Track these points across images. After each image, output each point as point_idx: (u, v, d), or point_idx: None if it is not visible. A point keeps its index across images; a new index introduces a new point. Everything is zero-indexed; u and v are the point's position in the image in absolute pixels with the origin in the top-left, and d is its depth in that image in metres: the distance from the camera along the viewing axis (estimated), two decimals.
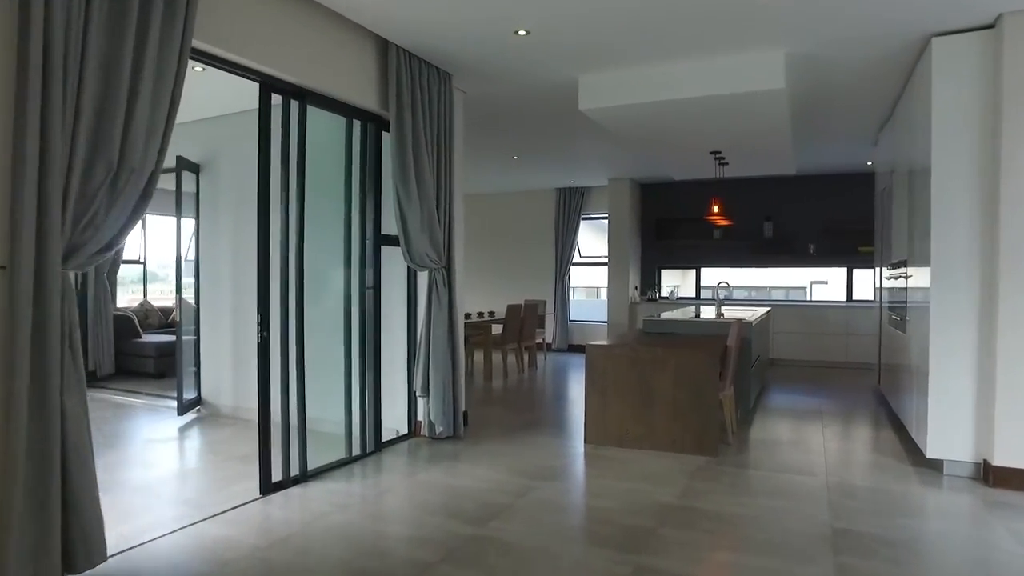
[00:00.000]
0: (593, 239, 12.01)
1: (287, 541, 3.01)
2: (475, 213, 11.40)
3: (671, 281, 11.02)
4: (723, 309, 7.00)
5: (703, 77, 4.55)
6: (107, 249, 2.51)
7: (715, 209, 6.66)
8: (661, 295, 10.37)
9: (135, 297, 9.27)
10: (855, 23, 3.89)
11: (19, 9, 2.14)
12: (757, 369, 6.07)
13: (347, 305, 4.32)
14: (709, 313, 6.61)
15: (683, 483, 3.81)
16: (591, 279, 13.16)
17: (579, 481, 3.95)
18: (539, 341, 9.58)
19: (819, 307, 8.85)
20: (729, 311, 7.07)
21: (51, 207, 2.22)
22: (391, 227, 4.39)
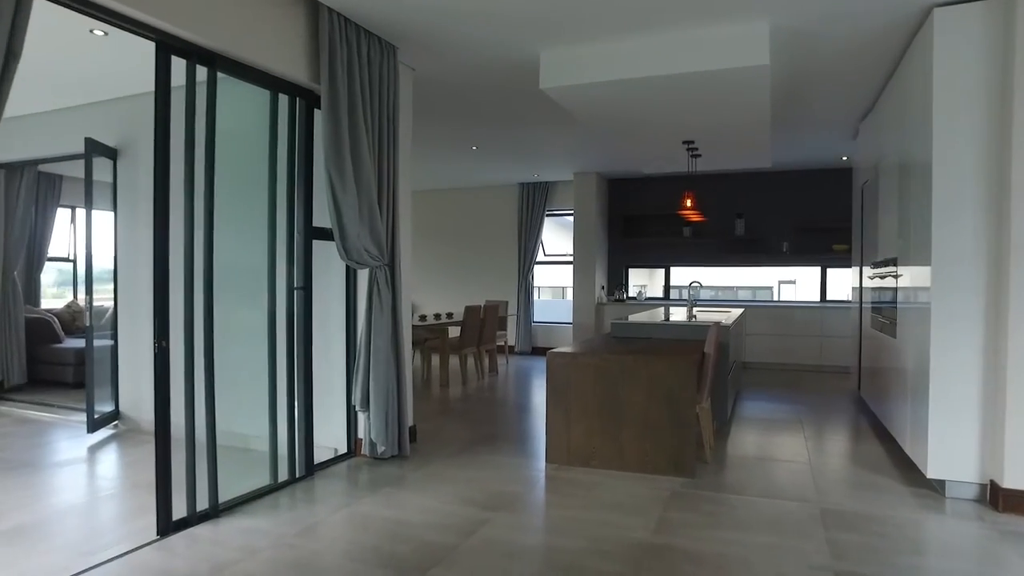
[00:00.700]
0: (558, 237, 11.54)
1: None
2: (433, 209, 10.86)
3: (638, 281, 10.61)
4: (695, 310, 6.58)
5: (678, 52, 4.07)
6: None
7: (688, 203, 6.22)
8: (629, 295, 9.93)
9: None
10: None
11: None
12: (732, 375, 5.64)
13: (271, 308, 3.72)
14: (681, 315, 6.17)
15: (658, 513, 3.32)
16: (556, 278, 12.69)
17: (539, 512, 3.42)
18: (501, 344, 9.06)
19: (791, 308, 8.50)
20: (701, 312, 6.64)
21: None
22: (325, 219, 3.82)
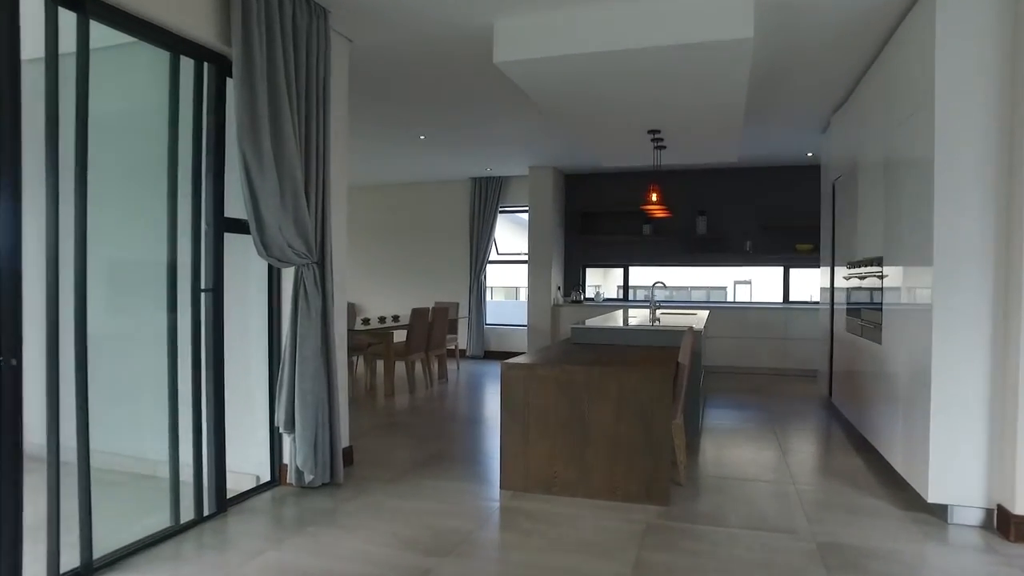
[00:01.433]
0: (512, 234, 11.05)
1: None
2: (379, 205, 10.24)
3: (593, 281, 10.20)
4: (658, 313, 6.16)
5: (651, 22, 3.60)
6: None
7: (653, 198, 5.79)
8: (586, 296, 9.49)
9: None
10: None
11: None
12: (702, 384, 5.23)
13: (172, 313, 3.09)
14: (644, 318, 5.73)
15: (632, 553, 2.83)
16: (510, 278, 12.19)
17: (492, 557, 2.89)
18: (451, 348, 8.51)
19: (754, 309, 8.19)
20: (665, 315, 6.23)
21: None
22: (240, 208, 3.20)
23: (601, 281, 10.31)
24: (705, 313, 6.44)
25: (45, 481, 2.54)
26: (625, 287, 9.48)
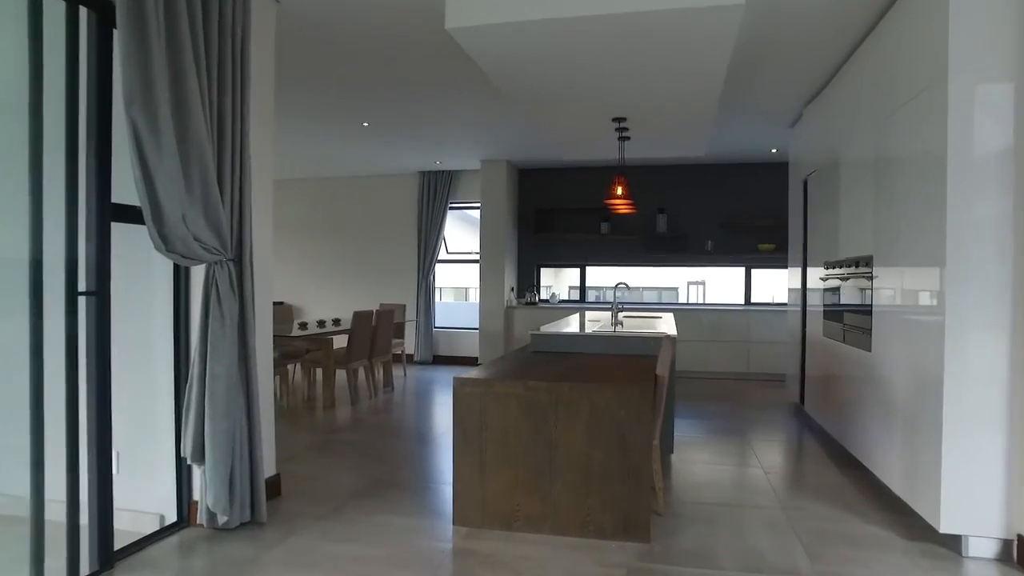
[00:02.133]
0: (462, 232, 10.50)
1: None
2: (319, 199, 9.57)
3: (544, 281, 9.72)
4: (621, 316, 5.72)
5: None
6: None
7: (619, 191, 5.34)
8: (541, 298, 9.02)
9: None
10: None
11: None
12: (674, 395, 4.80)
13: (36, 320, 2.44)
14: (604, 322, 5.27)
15: None
16: (460, 279, 11.64)
17: None
18: (398, 352, 7.92)
19: (716, 311, 7.86)
20: (628, 318, 5.80)
21: None
22: (134, 194, 2.58)
23: (552, 281, 9.85)
24: (670, 316, 6.04)
25: None
26: (582, 288, 9.05)
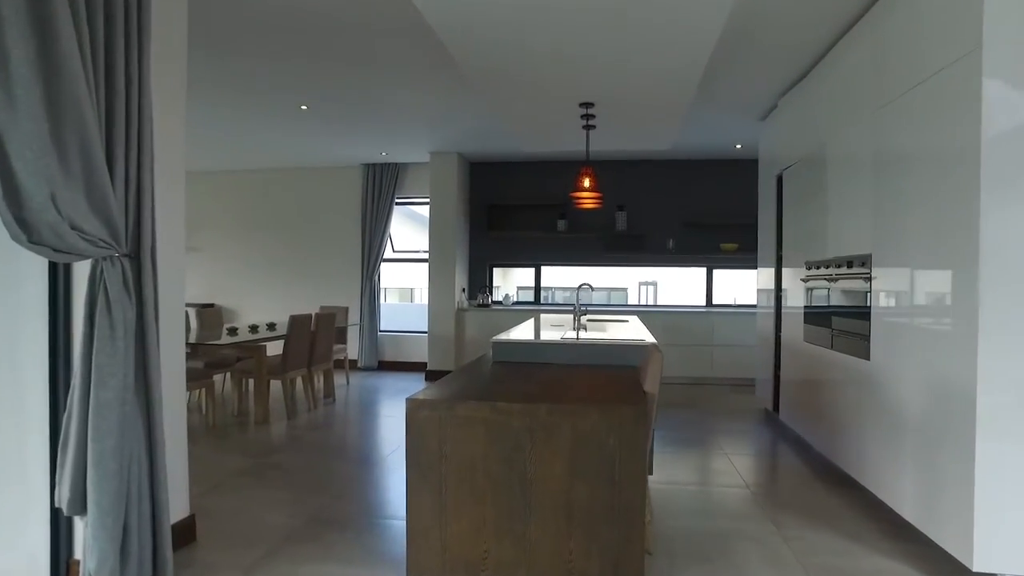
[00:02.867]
0: (410, 229, 9.93)
1: None
2: (253, 193, 8.86)
3: (495, 281, 9.21)
4: (583, 320, 5.29)
5: None
6: None
7: (586, 183, 4.89)
8: (494, 300, 8.52)
9: None
10: None
11: None
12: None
13: None
14: (567, 326, 4.81)
15: None
16: (407, 279, 11.03)
17: None
18: (340, 358, 7.30)
19: (677, 313, 7.52)
20: (591, 322, 5.36)
21: None
22: None
23: (501, 281, 9.33)
24: (636, 319, 5.64)
25: None
26: (537, 289, 8.60)
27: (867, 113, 3.48)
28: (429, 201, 8.01)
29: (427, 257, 8.05)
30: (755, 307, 6.16)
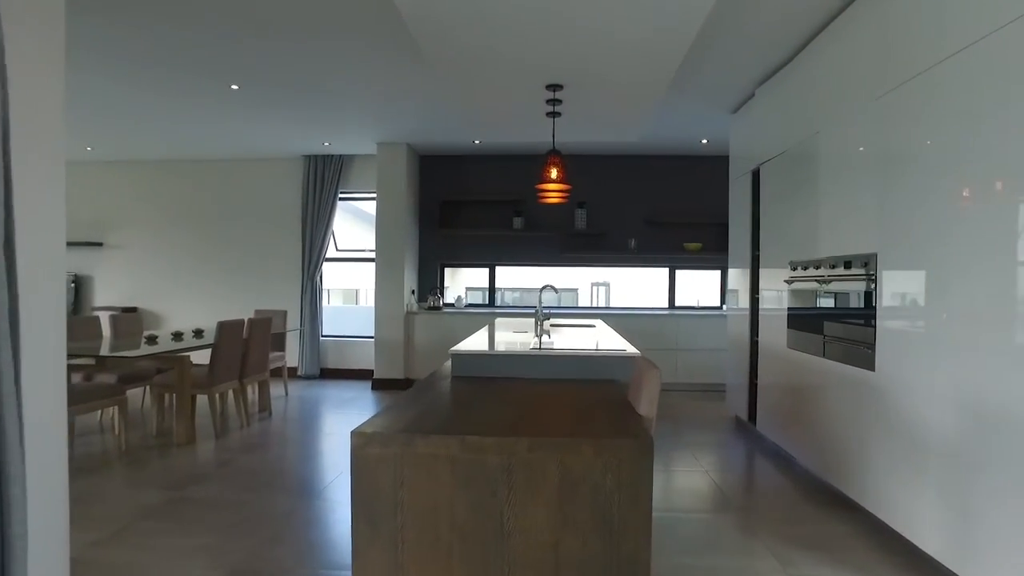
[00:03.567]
0: (355, 226, 9.31)
1: None
2: (182, 186, 8.10)
3: (447, 282, 8.69)
4: (547, 325, 4.84)
5: None
6: None
7: (553, 174, 4.44)
8: (446, 301, 8.00)
9: None
10: None
11: None
12: None
13: None
14: (528, 333, 4.35)
15: None
16: (351, 279, 10.38)
17: None
18: (278, 366, 6.65)
19: (640, 316, 7.17)
20: (553, 327, 4.92)
21: None
22: None
23: (450, 282, 8.80)
24: (602, 324, 5.23)
25: None
26: (491, 290, 8.12)
27: (871, 100, 3.14)
28: (376, 195, 7.42)
29: (374, 256, 7.46)
30: (721, 309, 5.84)
